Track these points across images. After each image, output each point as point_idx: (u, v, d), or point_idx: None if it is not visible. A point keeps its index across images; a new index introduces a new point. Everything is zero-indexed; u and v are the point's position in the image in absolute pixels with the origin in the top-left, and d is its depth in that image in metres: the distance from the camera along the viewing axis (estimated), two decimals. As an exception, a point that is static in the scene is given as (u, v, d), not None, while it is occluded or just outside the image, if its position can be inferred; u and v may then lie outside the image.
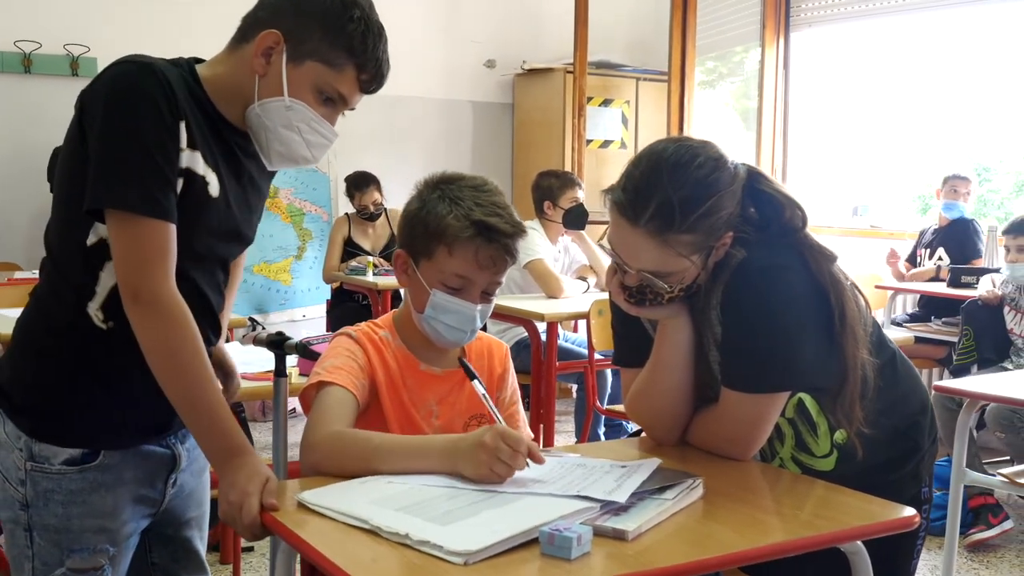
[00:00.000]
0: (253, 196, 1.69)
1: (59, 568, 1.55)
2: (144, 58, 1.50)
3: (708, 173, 1.61)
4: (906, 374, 1.83)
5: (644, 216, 1.59)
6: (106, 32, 5.20)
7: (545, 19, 6.62)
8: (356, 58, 1.55)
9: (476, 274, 1.69)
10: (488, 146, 6.59)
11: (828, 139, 6.37)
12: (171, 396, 1.48)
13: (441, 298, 1.70)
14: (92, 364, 1.54)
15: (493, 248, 1.68)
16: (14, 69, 5.05)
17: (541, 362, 4.01)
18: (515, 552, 1.25)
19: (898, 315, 5.33)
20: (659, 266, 1.62)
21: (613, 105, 6.41)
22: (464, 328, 1.72)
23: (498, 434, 1.46)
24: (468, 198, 1.69)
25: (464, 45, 6.43)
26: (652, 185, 1.60)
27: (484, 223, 1.66)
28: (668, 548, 1.30)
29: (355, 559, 1.24)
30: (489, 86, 6.57)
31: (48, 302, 1.57)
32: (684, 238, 1.60)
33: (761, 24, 6.22)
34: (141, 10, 5.35)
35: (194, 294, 1.57)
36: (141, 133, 1.43)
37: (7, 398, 1.57)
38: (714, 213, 1.60)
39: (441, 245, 1.68)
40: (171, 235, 1.47)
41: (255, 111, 1.57)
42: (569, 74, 6.12)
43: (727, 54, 6.75)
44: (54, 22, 5.13)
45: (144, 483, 1.62)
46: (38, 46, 5.07)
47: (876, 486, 1.61)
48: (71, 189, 1.49)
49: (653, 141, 1.71)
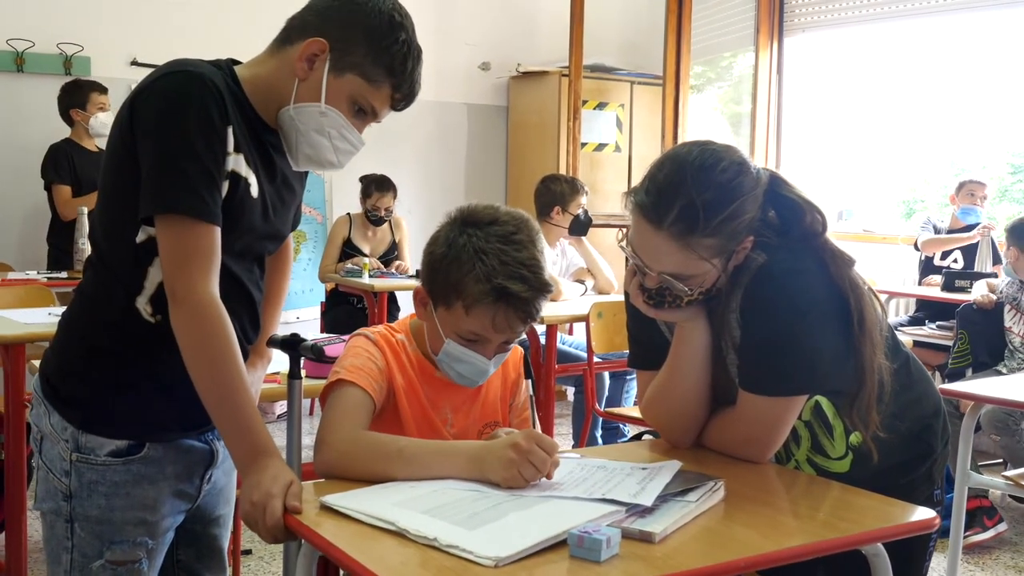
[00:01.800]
0: (287, 194, 1.73)
1: (98, 560, 1.59)
2: (194, 65, 1.54)
3: (732, 177, 1.61)
4: (919, 377, 1.84)
5: (667, 219, 1.59)
6: (99, 31, 5.19)
7: (540, 22, 6.63)
8: (394, 78, 1.59)
9: (492, 335, 1.67)
10: (482, 149, 6.59)
11: (818, 144, 6.40)
12: (202, 394, 1.51)
13: (454, 348, 1.69)
14: (140, 356, 1.58)
15: (512, 313, 1.65)
16: (7, 68, 5.01)
17: (540, 365, 4.01)
18: (543, 554, 1.26)
19: (893, 319, 5.36)
20: (680, 269, 1.62)
21: (608, 108, 6.42)
22: (475, 378, 1.72)
23: (533, 437, 1.46)
24: (494, 253, 1.64)
25: (458, 47, 6.43)
26: (676, 188, 1.60)
27: (505, 289, 1.62)
28: (694, 550, 1.31)
29: (384, 562, 1.24)
30: (483, 88, 6.57)
31: (97, 297, 1.62)
32: (706, 241, 1.60)
33: (755, 28, 6.25)
34: (134, 9, 5.32)
35: (236, 288, 1.64)
36: (192, 142, 1.48)
37: (54, 390, 1.61)
38: (736, 217, 1.61)
39: (459, 302, 1.65)
40: (215, 238, 1.52)
41: (289, 113, 1.60)
42: (564, 77, 6.12)
43: (715, 59, 6.77)
44: (47, 21, 5.11)
45: (183, 478, 1.65)
46: (31, 45, 5.05)
47: (890, 488, 1.62)
48: (120, 189, 1.54)
49: (677, 144, 1.72)
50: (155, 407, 1.59)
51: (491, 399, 1.84)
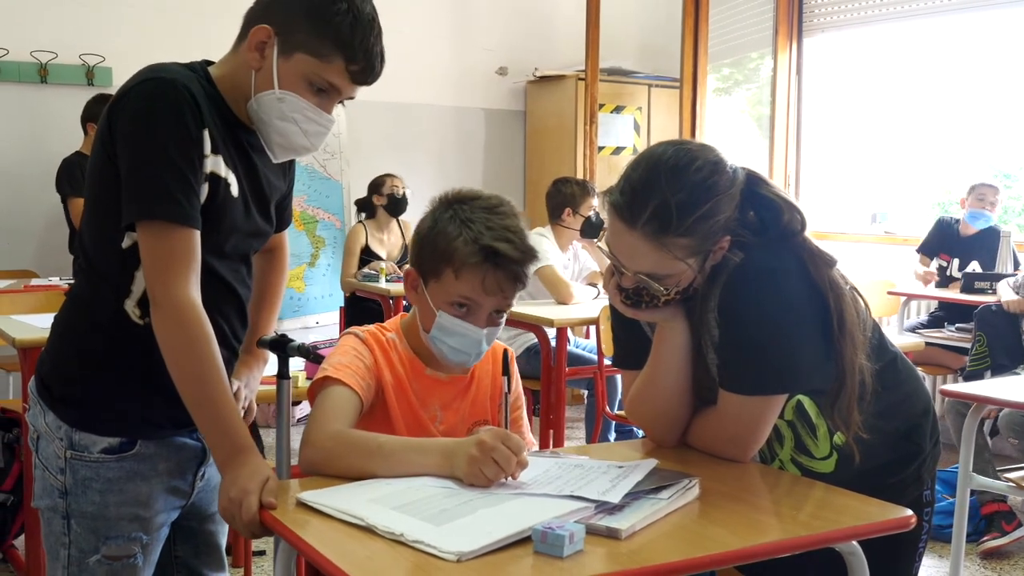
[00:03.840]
0: (268, 191, 1.74)
1: (94, 555, 1.62)
2: (167, 71, 1.56)
3: (706, 177, 1.61)
4: (908, 377, 1.83)
5: (641, 219, 1.60)
6: (121, 42, 5.25)
7: (557, 26, 6.64)
8: (344, 49, 1.58)
9: (482, 298, 1.70)
10: (500, 153, 6.61)
11: (845, 145, 6.34)
12: (183, 394, 1.54)
13: (447, 320, 1.71)
14: (129, 357, 1.61)
15: (501, 274, 1.68)
16: (31, 79, 5.10)
17: (551, 368, 4.02)
18: (508, 550, 1.26)
19: (913, 321, 5.30)
20: (655, 268, 1.63)
21: (625, 112, 6.42)
22: (469, 351, 1.73)
23: (499, 435, 1.47)
24: (479, 220, 1.69)
25: (476, 52, 6.46)
26: (649, 188, 1.60)
27: (492, 249, 1.67)
28: (661, 546, 1.31)
29: (350, 556, 1.25)
30: (501, 93, 6.59)
31: (87, 301, 1.65)
32: (681, 241, 1.60)
33: (774, 30, 6.22)
34: (155, 20, 5.39)
35: (222, 288, 1.67)
36: (167, 148, 1.51)
37: (48, 390, 1.65)
38: (711, 217, 1.61)
39: (448, 268, 1.69)
40: (194, 241, 1.55)
41: (252, 105, 1.63)
42: (581, 81, 6.13)
43: (742, 60, 6.74)
44: (70, 33, 5.19)
45: (176, 474, 1.68)
46: (54, 56, 5.13)
47: (877, 488, 1.62)
48: (104, 197, 1.58)
49: (653, 144, 1.72)
50: (145, 405, 1.62)
51: (480, 397, 1.85)
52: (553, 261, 4.41)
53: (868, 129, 6.28)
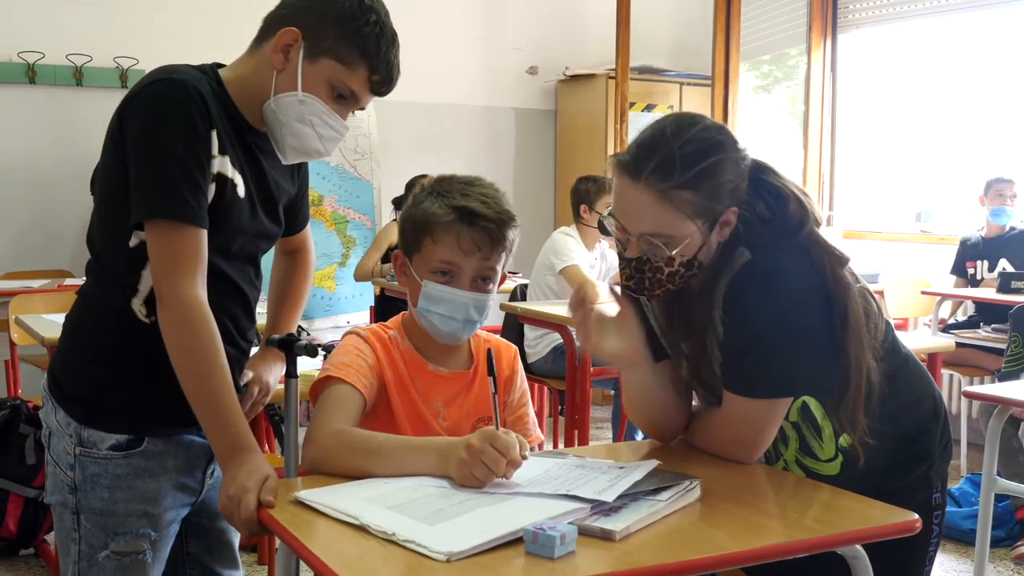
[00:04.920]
0: (276, 193, 1.76)
1: (103, 551, 1.64)
2: (176, 72, 1.59)
3: (711, 135, 1.64)
4: (918, 379, 1.79)
5: (646, 170, 1.61)
6: (154, 45, 5.30)
7: (588, 24, 6.62)
8: (369, 59, 1.62)
9: (461, 259, 1.71)
10: (530, 153, 6.61)
11: (885, 144, 6.23)
12: (186, 391, 1.56)
13: (431, 288, 1.72)
14: (136, 355, 1.63)
15: (475, 232, 1.70)
16: (66, 82, 5.18)
17: (576, 368, 4.00)
18: (500, 550, 1.26)
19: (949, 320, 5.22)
20: (660, 227, 1.62)
21: (657, 110, 6.38)
22: (456, 316, 1.73)
23: (487, 437, 1.46)
24: (456, 191, 1.74)
25: (506, 51, 6.46)
26: (655, 142, 1.63)
27: (465, 208, 1.70)
28: (654, 548, 1.30)
29: (341, 555, 1.26)
30: (531, 92, 6.59)
31: (95, 299, 1.68)
32: (685, 195, 1.60)
33: (807, 26, 6.16)
34: (188, 22, 5.45)
35: (229, 288, 1.70)
36: (175, 148, 1.54)
37: (59, 387, 1.68)
38: (716, 175, 1.61)
39: (427, 236, 1.72)
40: (201, 240, 1.57)
41: (271, 106, 1.65)
42: (611, 79, 6.11)
43: (781, 57, 6.66)
44: (104, 36, 5.26)
45: (184, 471, 1.70)
46: (89, 59, 5.21)
47: (885, 491, 1.59)
48: (113, 197, 1.60)
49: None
50: (152, 403, 1.64)
51: (484, 393, 1.84)
52: (578, 260, 4.39)
53: (908, 126, 6.17)
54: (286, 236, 1.93)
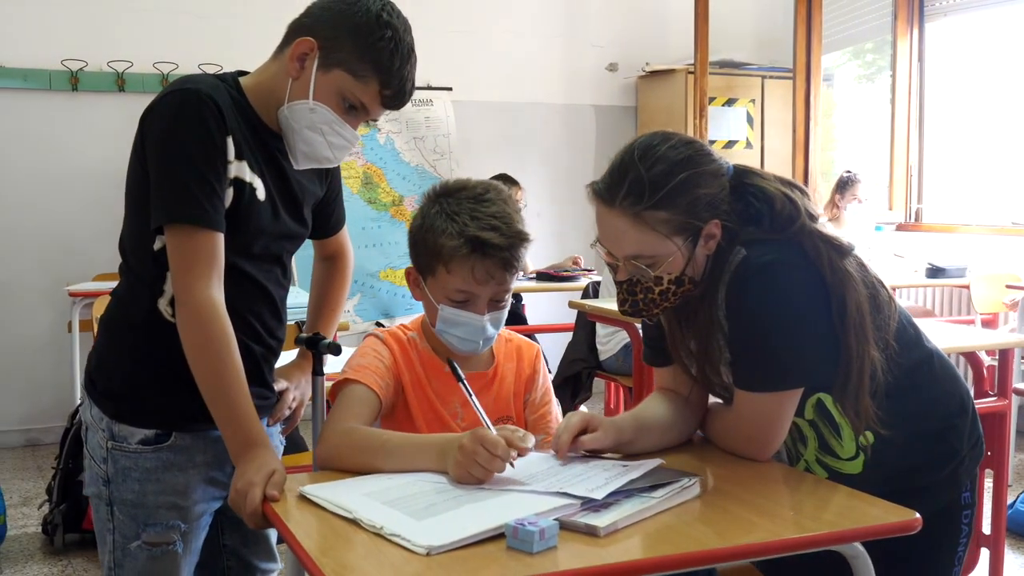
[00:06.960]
0: (300, 195, 1.81)
1: (135, 541, 1.71)
2: (192, 82, 1.65)
3: (679, 152, 1.64)
4: (944, 375, 1.75)
5: (618, 195, 1.62)
6: (193, 51, 5.42)
7: (668, 20, 6.57)
8: (381, 74, 1.66)
9: (477, 288, 1.73)
10: (611, 150, 6.42)
11: (976, 135, 5.99)
12: (201, 388, 1.62)
13: (449, 312, 1.75)
14: (163, 353, 1.69)
15: (489, 263, 1.72)
16: (153, 89, 5.39)
17: (642, 365, 3.98)
18: (481, 545, 1.28)
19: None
20: (641, 248, 1.63)
21: (738, 104, 6.29)
22: (475, 339, 1.76)
23: (476, 438, 1.49)
24: (465, 212, 1.73)
25: (585, 49, 6.46)
26: (625, 166, 1.64)
27: (478, 239, 1.70)
28: (636, 545, 1.30)
29: (329, 547, 1.30)
30: (611, 89, 6.57)
31: (126, 300, 1.76)
32: (659, 215, 1.61)
33: (893, 16, 5.99)
34: (227, 27, 5.55)
35: (254, 288, 1.75)
36: (191, 155, 1.60)
37: (93, 384, 1.76)
38: (689, 190, 1.62)
39: (440, 264, 1.74)
40: (217, 243, 1.63)
41: (284, 112, 1.70)
42: (691, 75, 6.05)
43: (882, 45, 6.44)
44: (146, 43, 5.43)
45: (214, 466, 1.76)
46: (130, 65, 5.40)
47: (909, 491, 1.57)
48: (139, 202, 1.68)
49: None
50: (179, 399, 1.70)
51: (503, 394, 1.87)
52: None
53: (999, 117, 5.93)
54: (321, 239, 1.99)
